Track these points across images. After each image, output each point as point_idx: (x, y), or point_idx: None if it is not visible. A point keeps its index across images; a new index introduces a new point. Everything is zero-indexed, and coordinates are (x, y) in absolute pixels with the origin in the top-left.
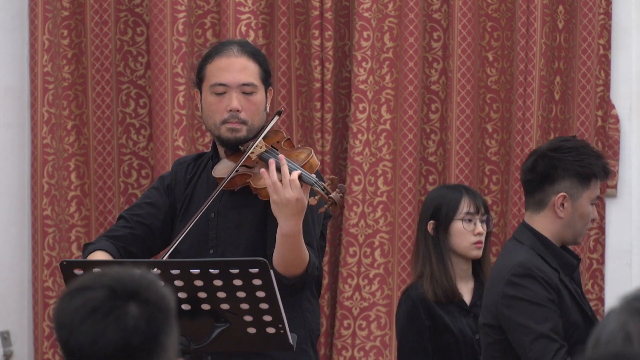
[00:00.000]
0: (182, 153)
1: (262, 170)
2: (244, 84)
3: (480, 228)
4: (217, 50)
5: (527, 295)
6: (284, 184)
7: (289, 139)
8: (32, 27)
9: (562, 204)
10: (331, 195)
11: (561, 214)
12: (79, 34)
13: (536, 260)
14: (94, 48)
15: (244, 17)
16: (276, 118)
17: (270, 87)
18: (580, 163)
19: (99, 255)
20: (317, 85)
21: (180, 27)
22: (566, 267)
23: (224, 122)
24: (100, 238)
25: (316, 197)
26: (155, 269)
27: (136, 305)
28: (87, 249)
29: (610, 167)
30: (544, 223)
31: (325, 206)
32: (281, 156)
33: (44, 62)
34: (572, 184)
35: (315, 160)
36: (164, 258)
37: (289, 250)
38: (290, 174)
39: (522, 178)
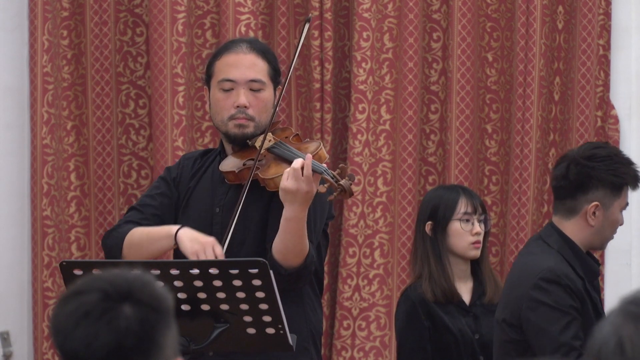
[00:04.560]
0: (181, 153)
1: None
2: (252, 80)
3: (478, 228)
4: (226, 47)
5: (552, 300)
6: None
7: (297, 134)
8: (32, 28)
9: (594, 213)
10: (340, 183)
11: (592, 222)
12: (79, 35)
13: (564, 267)
14: (94, 48)
15: (243, 17)
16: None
17: (280, 86)
18: (614, 172)
19: (139, 231)
20: (317, 85)
21: (180, 28)
22: (590, 274)
23: (231, 117)
24: (122, 224)
25: (325, 185)
26: (155, 270)
27: (129, 306)
28: (116, 233)
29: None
30: (573, 230)
31: (335, 194)
32: (308, 155)
33: (44, 63)
34: (605, 193)
35: (324, 153)
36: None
37: (291, 235)
38: (303, 168)
39: (553, 184)
